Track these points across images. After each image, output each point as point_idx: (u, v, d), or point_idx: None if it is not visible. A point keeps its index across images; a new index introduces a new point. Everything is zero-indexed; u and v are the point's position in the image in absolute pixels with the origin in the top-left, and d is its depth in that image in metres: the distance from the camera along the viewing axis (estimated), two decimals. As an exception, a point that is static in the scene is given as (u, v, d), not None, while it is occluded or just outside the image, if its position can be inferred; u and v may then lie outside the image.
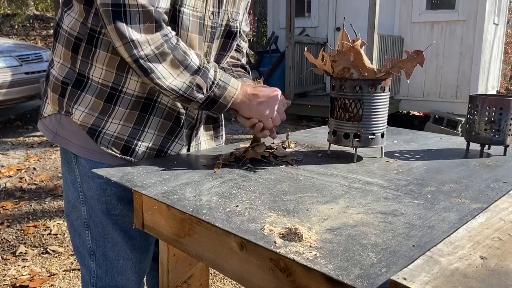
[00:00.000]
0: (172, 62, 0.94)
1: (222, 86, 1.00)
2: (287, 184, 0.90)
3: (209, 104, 1.01)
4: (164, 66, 0.93)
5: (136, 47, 0.90)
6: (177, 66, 0.95)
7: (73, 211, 1.12)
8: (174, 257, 1.00)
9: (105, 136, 1.02)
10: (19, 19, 11.67)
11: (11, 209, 3.12)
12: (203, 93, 0.98)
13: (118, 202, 1.07)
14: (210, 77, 0.98)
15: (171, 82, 0.95)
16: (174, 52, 0.93)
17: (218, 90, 1.00)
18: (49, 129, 1.09)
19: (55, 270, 2.37)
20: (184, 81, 0.96)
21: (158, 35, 0.91)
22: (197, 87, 0.97)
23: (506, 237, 0.62)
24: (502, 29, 8.02)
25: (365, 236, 0.65)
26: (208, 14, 1.04)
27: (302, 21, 7.83)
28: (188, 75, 0.96)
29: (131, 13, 0.88)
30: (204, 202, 0.80)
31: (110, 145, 1.03)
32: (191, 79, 0.96)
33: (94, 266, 1.12)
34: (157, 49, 0.91)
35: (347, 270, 0.55)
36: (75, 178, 1.09)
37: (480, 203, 0.79)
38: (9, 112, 6.09)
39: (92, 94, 1.01)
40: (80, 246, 1.14)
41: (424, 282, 0.49)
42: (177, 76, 0.95)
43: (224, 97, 1.01)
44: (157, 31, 0.91)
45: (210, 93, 0.99)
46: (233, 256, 0.71)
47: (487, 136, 1.12)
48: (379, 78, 1.03)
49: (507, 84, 11.09)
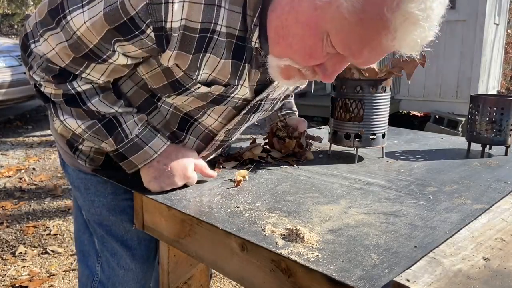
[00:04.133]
0: (80, 112, 0.84)
1: (138, 144, 0.86)
2: (288, 185, 0.90)
3: (117, 157, 0.88)
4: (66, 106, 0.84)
5: (35, 79, 0.83)
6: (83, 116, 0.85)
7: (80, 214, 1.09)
8: (174, 257, 0.99)
9: (84, 151, 0.97)
10: (19, 18, 11.66)
11: (10, 209, 3.12)
12: (107, 143, 0.86)
13: (108, 213, 1.02)
14: (124, 129, 0.86)
15: (66, 118, 0.85)
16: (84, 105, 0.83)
17: (131, 147, 0.86)
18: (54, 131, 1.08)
19: (55, 270, 2.36)
20: (80, 124, 0.85)
21: (60, 93, 0.83)
22: (96, 133, 0.86)
23: (508, 238, 0.62)
24: (503, 29, 8.02)
25: (367, 237, 0.65)
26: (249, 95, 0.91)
27: (302, 21, 7.81)
28: (89, 121, 0.85)
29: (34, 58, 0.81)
30: (205, 202, 0.79)
31: (89, 160, 0.98)
32: (90, 124, 0.85)
33: (99, 269, 1.09)
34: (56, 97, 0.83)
35: (349, 271, 0.55)
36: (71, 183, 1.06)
37: (482, 203, 0.79)
38: (8, 112, 6.08)
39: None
40: (88, 244, 1.09)
41: (427, 284, 0.49)
42: (77, 117, 0.85)
43: (136, 156, 0.87)
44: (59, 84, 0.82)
45: (119, 146, 0.86)
46: (234, 257, 0.71)
47: (488, 136, 1.11)
48: (380, 78, 1.03)
49: (507, 84, 11.09)
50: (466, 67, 6.58)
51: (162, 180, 0.86)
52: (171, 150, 0.89)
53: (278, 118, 1.21)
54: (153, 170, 0.87)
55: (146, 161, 0.87)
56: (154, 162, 0.87)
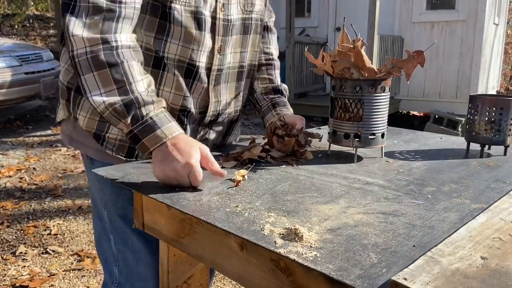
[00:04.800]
0: (104, 75, 0.85)
1: (151, 125, 0.87)
2: (287, 184, 0.90)
3: (131, 139, 0.89)
4: (94, 76, 0.85)
5: (73, 44, 0.84)
6: (108, 83, 0.86)
7: (102, 215, 1.11)
8: (174, 257, 1.00)
9: (110, 140, 1.02)
10: (19, 19, 11.66)
11: (11, 209, 3.12)
12: (124, 123, 0.87)
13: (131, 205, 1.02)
14: (140, 110, 0.87)
15: (93, 95, 0.86)
16: (112, 66, 0.85)
17: (144, 128, 0.87)
18: (66, 134, 1.10)
19: (55, 270, 2.37)
20: (105, 101, 0.86)
21: (98, 38, 0.84)
22: (114, 112, 0.86)
23: (506, 237, 0.62)
24: (502, 29, 8.02)
25: (366, 236, 0.65)
26: (219, 5, 1.02)
27: (302, 21, 7.83)
28: (115, 98, 0.86)
29: (80, 6, 0.84)
30: (204, 202, 0.80)
31: (116, 149, 1.03)
32: (113, 101, 0.86)
33: (117, 272, 1.11)
34: (91, 53, 0.84)
35: (348, 271, 0.55)
36: (94, 183, 1.09)
37: (481, 203, 0.79)
38: (9, 112, 6.08)
39: None
40: (107, 251, 1.12)
41: (424, 283, 0.49)
42: (103, 92, 0.86)
43: (148, 139, 0.87)
44: (101, 33, 0.84)
45: (133, 127, 0.87)
46: (233, 256, 0.71)
47: (487, 136, 1.12)
48: (379, 78, 1.03)
49: (507, 84, 11.09)
50: (465, 67, 6.58)
51: (165, 163, 0.86)
52: (182, 138, 0.89)
53: (274, 117, 1.23)
54: (160, 153, 0.87)
55: (157, 144, 0.87)
56: (163, 146, 0.87)
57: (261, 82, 1.26)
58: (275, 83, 1.28)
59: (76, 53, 0.84)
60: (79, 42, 0.84)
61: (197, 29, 0.99)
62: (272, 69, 1.28)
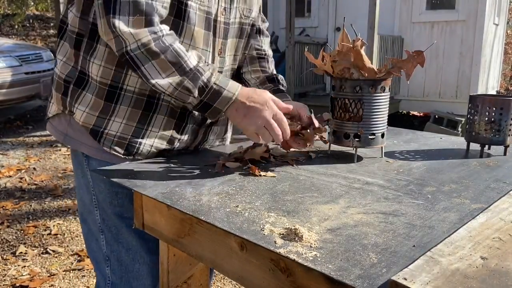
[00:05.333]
0: (161, 62, 0.91)
1: (217, 90, 0.94)
2: (287, 184, 0.90)
3: (202, 108, 0.96)
4: (153, 64, 0.90)
5: (124, 41, 0.88)
6: (167, 66, 0.91)
7: (89, 215, 1.10)
8: (174, 257, 1.00)
9: (108, 137, 1.01)
10: (19, 19, 11.66)
11: (11, 209, 3.12)
12: (194, 96, 0.94)
13: (131, 204, 1.03)
14: (203, 80, 0.93)
15: (158, 81, 0.92)
16: (164, 52, 0.90)
17: (212, 94, 0.94)
18: (59, 131, 1.08)
19: (55, 270, 2.37)
20: (171, 82, 0.92)
21: (146, 31, 0.89)
22: (185, 89, 0.93)
23: (506, 237, 0.62)
24: (502, 29, 8.02)
25: (366, 236, 0.65)
26: (221, 9, 1.04)
27: (302, 21, 7.83)
28: (177, 77, 0.92)
29: (121, 5, 0.87)
30: (204, 202, 0.80)
31: (114, 146, 1.02)
32: (179, 81, 0.92)
33: (109, 272, 1.11)
34: (144, 46, 0.89)
35: (348, 270, 0.55)
36: (87, 181, 1.07)
37: (481, 203, 0.79)
38: (9, 112, 6.08)
39: (92, 93, 1.00)
40: (96, 251, 1.12)
41: (424, 282, 0.49)
42: (166, 76, 0.92)
43: (219, 102, 0.95)
44: (146, 26, 0.89)
45: (202, 97, 0.94)
46: (233, 256, 0.71)
47: (487, 136, 1.12)
48: (379, 78, 1.03)
49: (507, 84, 11.09)
50: (465, 67, 6.59)
51: (251, 115, 0.94)
52: (247, 90, 0.97)
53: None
54: (241, 109, 0.95)
55: (228, 103, 0.95)
56: (237, 103, 0.95)
57: (253, 73, 1.26)
58: (268, 72, 1.26)
59: (130, 48, 0.89)
60: (129, 38, 0.88)
61: (207, 29, 1.03)
62: (265, 61, 1.27)
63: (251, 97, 0.95)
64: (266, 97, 0.96)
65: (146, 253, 1.09)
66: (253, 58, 1.26)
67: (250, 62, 1.26)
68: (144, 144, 1.04)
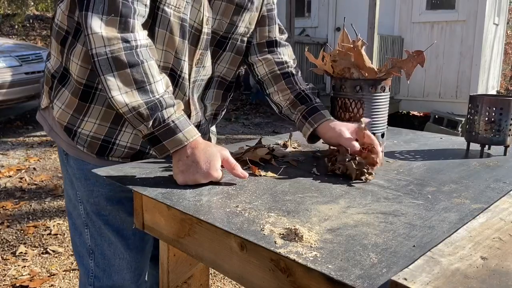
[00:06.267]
0: (124, 75, 0.84)
1: (172, 129, 0.87)
2: (287, 184, 0.90)
3: (150, 140, 0.89)
4: (114, 76, 0.83)
5: (92, 42, 0.82)
6: (129, 83, 0.84)
7: (74, 210, 1.12)
8: (174, 257, 1.00)
9: (82, 136, 1.01)
10: (19, 19, 11.66)
11: (11, 209, 3.12)
12: (146, 125, 0.87)
13: (106, 202, 1.06)
14: (162, 114, 0.87)
15: (115, 95, 0.84)
16: (132, 66, 0.84)
17: (165, 131, 0.87)
18: (47, 123, 1.09)
19: (55, 270, 2.37)
20: (128, 103, 0.84)
21: (119, 37, 0.83)
22: (139, 115, 0.85)
23: (506, 238, 0.62)
24: (502, 29, 8.02)
25: (366, 236, 0.65)
26: (205, 19, 1.00)
27: (302, 21, 7.83)
28: (136, 99, 0.85)
29: (95, 1, 0.82)
30: (204, 202, 0.80)
31: (86, 145, 1.01)
32: (136, 105, 0.85)
33: (92, 265, 1.12)
34: (111, 53, 0.82)
35: (348, 271, 0.55)
36: (70, 177, 1.09)
37: (481, 203, 0.79)
38: (9, 112, 6.08)
39: (70, 91, 0.99)
40: (80, 245, 1.13)
41: (424, 283, 0.49)
42: (124, 93, 0.84)
43: (169, 141, 0.88)
44: (120, 29, 0.83)
45: (155, 129, 0.87)
46: (233, 256, 0.71)
47: (487, 136, 1.12)
48: (379, 78, 1.03)
49: (507, 84, 11.09)
50: (465, 67, 6.59)
51: (187, 175, 0.88)
52: (201, 142, 0.90)
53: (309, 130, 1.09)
54: (181, 164, 0.88)
55: (177, 146, 0.88)
56: (184, 153, 0.88)
57: (281, 93, 1.17)
58: (296, 90, 1.15)
59: (95, 52, 0.82)
60: (98, 40, 0.82)
61: (181, 37, 0.98)
62: (290, 77, 1.17)
63: (199, 155, 0.88)
64: (214, 161, 0.88)
65: (125, 249, 1.11)
66: (276, 76, 1.17)
67: (274, 81, 1.18)
68: (117, 145, 1.03)
